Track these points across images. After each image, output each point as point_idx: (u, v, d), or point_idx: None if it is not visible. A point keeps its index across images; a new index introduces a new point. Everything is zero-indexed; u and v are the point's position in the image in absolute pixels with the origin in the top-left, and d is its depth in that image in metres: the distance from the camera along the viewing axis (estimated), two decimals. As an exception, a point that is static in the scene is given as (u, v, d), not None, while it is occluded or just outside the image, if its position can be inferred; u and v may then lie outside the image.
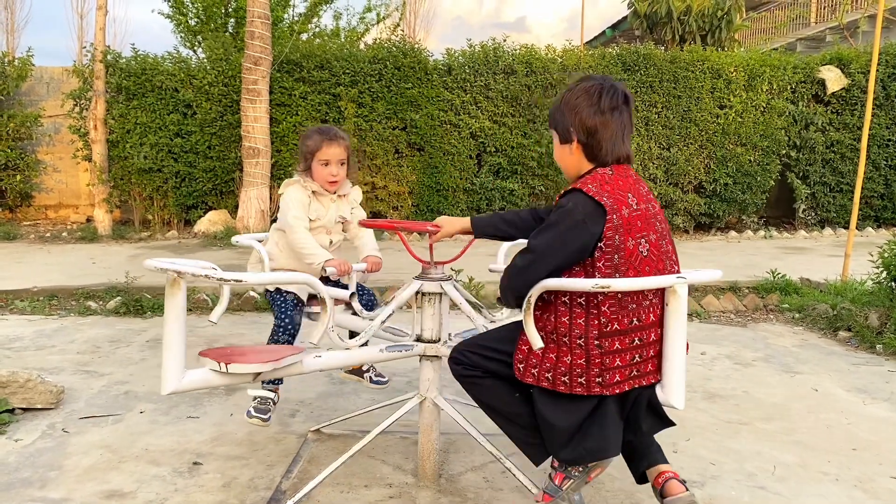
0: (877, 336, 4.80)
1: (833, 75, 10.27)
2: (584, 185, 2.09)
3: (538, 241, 2.09)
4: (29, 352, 4.48)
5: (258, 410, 2.87)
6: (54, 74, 11.22)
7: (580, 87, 2.18)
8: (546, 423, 2.12)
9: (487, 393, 2.26)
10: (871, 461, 2.92)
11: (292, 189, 3.04)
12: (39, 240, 9.48)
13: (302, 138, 3.11)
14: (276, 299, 2.96)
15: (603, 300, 2.03)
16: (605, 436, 2.10)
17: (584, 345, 2.04)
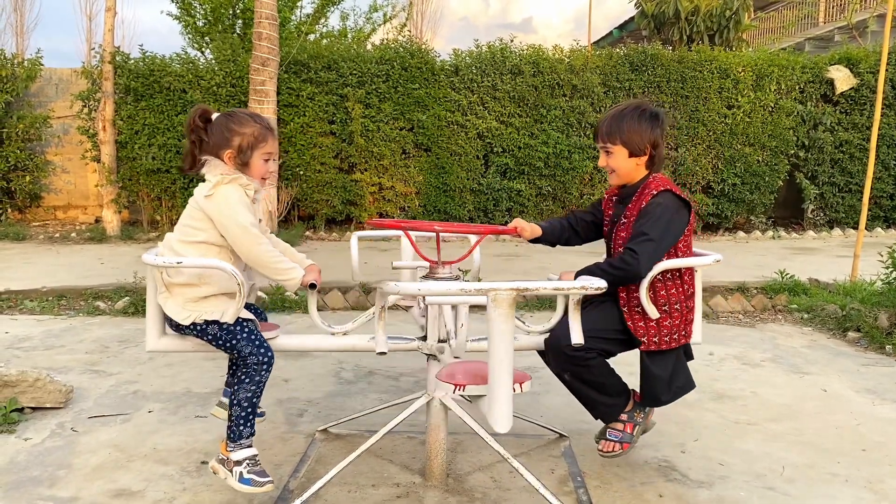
0: (886, 337, 4.78)
1: (842, 75, 10.22)
2: (668, 186, 2.62)
3: (654, 232, 2.52)
4: (38, 351, 4.50)
5: (255, 473, 2.37)
6: (63, 76, 11.27)
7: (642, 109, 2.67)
8: (653, 378, 2.62)
9: (596, 371, 2.59)
10: (880, 462, 2.91)
11: (233, 189, 2.42)
12: (48, 240, 9.53)
13: (234, 123, 2.47)
14: (239, 331, 2.41)
15: (685, 272, 2.64)
16: (686, 374, 2.70)
17: (679, 308, 2.61)
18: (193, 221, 2.46)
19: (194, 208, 2.47)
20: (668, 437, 3.16)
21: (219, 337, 2.42)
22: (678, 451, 2.99)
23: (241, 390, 2.39)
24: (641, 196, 2.62)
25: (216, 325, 2.41)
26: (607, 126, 2.66)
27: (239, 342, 2.41)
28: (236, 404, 2.39)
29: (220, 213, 2.41)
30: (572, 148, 9.80)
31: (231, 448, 2.40)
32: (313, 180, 9.69)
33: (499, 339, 1.81)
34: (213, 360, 4.28)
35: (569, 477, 2.71)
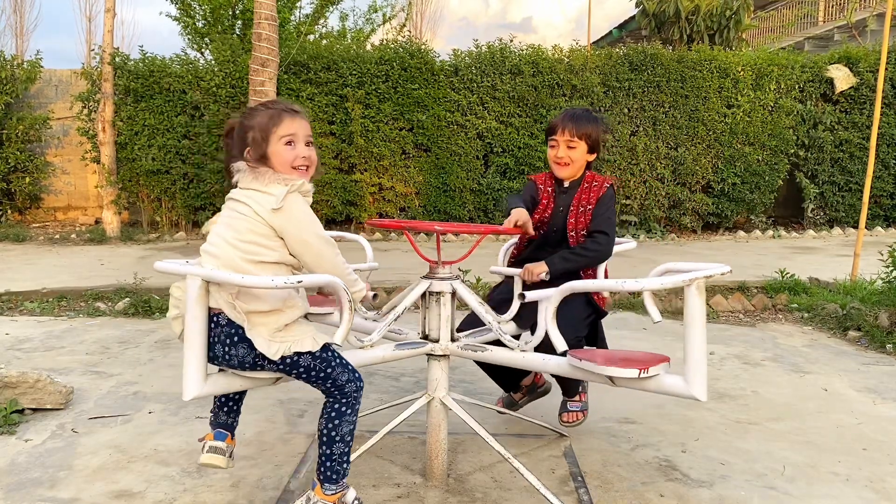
0: (887, 336, 4.78)
1: (841, 74, 10.23)
2: (610, 181, 2.94)
3: (614, 218, 2.90)
4: (38, 353, 4.50)
5: None
6: (63, 77, 11.28)
7: (595, 112, 3.02)
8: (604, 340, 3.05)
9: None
10: (881, 461, 2.91)
11: (297, 197, 2.17)
12: (48, 241, 9.53)
13: (245, 118, 2.28)
14: (332, 357, 2.19)
15: None
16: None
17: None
18: (262, 239, 2.11)
19: (258, 223, 2.11)
20: (668, 436, 3.16)
21: (311, 368, 2.13)
22: (679, 451, 2.99)
23: (342, 424, 2.16)
24: (590, 188, 2.91)
25: (308, 355, 2.12)
26: (576, 123, 2.87)
27: (335, 370, 2.17)
28: (339, 440, 2.16)
29: (298, 227, 2.13)
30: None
31: (333, 490, 2.17)
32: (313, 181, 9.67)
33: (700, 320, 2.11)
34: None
35: (569, 477, 2.71)
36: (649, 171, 10.04)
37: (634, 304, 5.87)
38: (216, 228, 2.21)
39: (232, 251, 2.11)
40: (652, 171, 10.05)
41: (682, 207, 10.19)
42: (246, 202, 2.14)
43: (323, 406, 2.23)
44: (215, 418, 2.43)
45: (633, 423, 3.33)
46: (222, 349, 2.11)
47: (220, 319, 2.10)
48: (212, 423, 2.44)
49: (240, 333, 2.08)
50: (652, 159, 10.02)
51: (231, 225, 2.15)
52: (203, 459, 2.35)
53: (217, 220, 2.26)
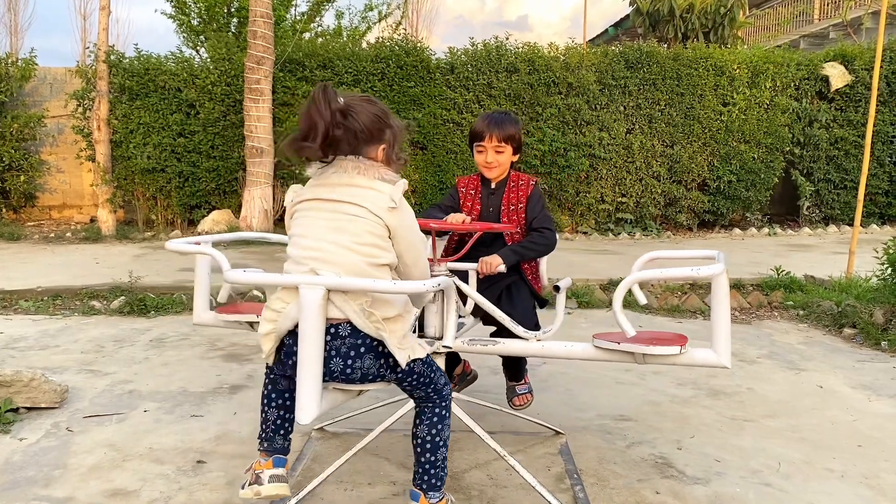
0: (882, 333, 4.79)
1: (837, 72, 10.25)
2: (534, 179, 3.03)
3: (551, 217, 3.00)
4: (33, 351, 4.48)
5: None
6: (58, 75, 11.24)
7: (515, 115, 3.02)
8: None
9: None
10: (876, 458, 2.91)
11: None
12: (43, 240, 9.50)
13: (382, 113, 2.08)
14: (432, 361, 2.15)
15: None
16: None
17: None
18: (379, 240, 1.99)
19: (376, 223, 1.98)
20: (664, 433, 3.16)
21: (422, 374, 2.07)
22: (674, 448, 2.99)
23: (444, 428, 2.12)
24: (517, 187, 3.00)
25: (420, 361, 2.06)
26: (501, 128, 2.92)
27: (435, 374, 2.11)
28: (442, 445, 2.12)
29: (409, 228, 2.04)
30: (568, 146, 9.79)
31: (438, 498, 2.12)
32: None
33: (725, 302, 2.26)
34: (208, 360, 4.27)
35: (565, 474, 2.71)
36: (645, 169, 10.05)
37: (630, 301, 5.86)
38: (316, 232, 1.99)
39: (353, 256, 1.96)
40: (648, 169, 10.05)
41: (678, 205, 10.21)
42: (356, 202, 1.98)
43: (419, 414, 2.15)
44: (270, 444, 2.16)
45: (629, 420, 3.33)
46: (342, 363, 1.95)
47: (339, 331, 1.94)
48: (266, 448, 2.16)
49: (367, 343, 1.95)
50: (648, 157, 10.03)
51: (342, 228, 1.97)
52: (266, 491, 2.06)
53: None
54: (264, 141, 9.20)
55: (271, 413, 2.15)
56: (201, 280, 2.70)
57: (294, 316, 1.90)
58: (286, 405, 2.14)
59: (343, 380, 1.99)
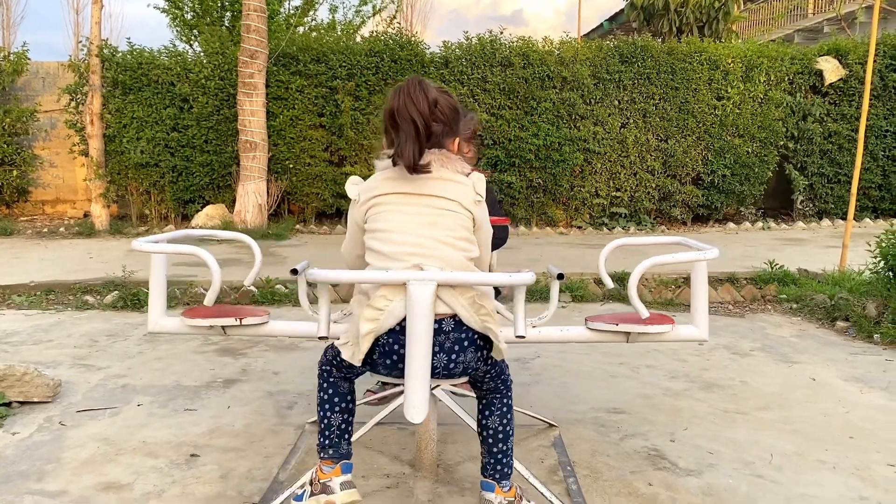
0: (874, 326, 4.80)
1: (830, 66, 10.26)
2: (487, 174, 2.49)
3: (503, 211, 2.95)
4: (26, 346, 4.47)
5: None
6: (50, 69, 11.18)
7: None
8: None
9: None
10: (868, 449, 2.93)
11: None
12: (36, 235, 9.47)
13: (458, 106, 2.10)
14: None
15: None
16: None
17: None
18: (469, 234, 2.00)
19: (466, 217, 1.98)
20: (657, 426, 3.17)
21: (500, 366, 2.09)
22: (667, 440, 3.00)
23: (512, 417, 2.14)
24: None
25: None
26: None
27: (506, 365, 2.13)
28: (511, 434, 2.13)
29: (487, 222, 2.05)
30: (563, 140, 9.79)
31: (510, 486, 2.10)
32: (303, 173, 9.67)
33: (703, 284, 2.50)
34: (202, 354, 4.27)
35: (559, 466, 2.72)
36: (639, 163, 10.06)
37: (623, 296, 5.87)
38: (408, 227, 1.94)
39: (452, 250, 1.94)
40: (642, 164, 10.06)
41: (672, 199, 10.22)
42: (447, 196, 1.96)
43: (488, 405, 2.12)
44: (336, 450, 2.08)
45: (622, 413, 3.34)
46: (446, 358, 1.90)
47: (443, 326, 1.89)
48: (332, 455, 2.07)
49: (470, 338, 1.92)
50: (642, 151, 10.04)
51: (435, 223, 1.94)
52: (341, 500, 1.99)
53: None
54: (258, 135, 9.18)
55: (335, 418, 2.06)
56: (158, 282, 2.45)
57: (399, 314, 1.84)
58: (349, 408, 2.09)
59: (445, 375, 1.96)
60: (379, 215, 1.97)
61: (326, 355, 2.07)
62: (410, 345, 1.80)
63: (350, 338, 1.95)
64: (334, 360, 2.04)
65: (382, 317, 1.85)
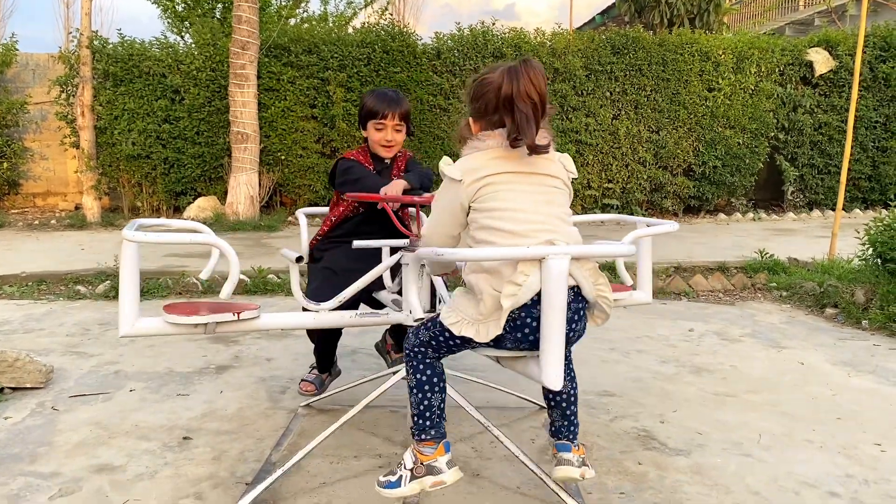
0: (862, 312, 4.85)
1: (821, 57, 10.30)
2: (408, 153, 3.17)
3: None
4: (18, 335, 4.47)
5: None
6: (40, 61, 11.12)
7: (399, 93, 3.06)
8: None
9: None
10: (854, 429, 2.96)
11: None
12: (27, 227, 9.43)
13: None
14: None
15: None
16: None
17: None
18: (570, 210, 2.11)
19: (568, 195, 2.10)
20: (647, 408, 3.20)
21: None
22: (657, 422, 3.03)
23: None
24: (398, 160, 3.10)
25: None
26: (400, 106, 2.98)
27: None
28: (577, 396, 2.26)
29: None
30: (554, 131, 9.77)
31: (579, 445, 2.21)
32: (295, 165, 9.65)
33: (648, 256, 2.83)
34: (195, 342, 4.27)
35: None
36: (631, 155, 10.08)
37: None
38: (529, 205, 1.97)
39: (569, 227, 2.02)
40: (634, 155, 10.09)
41: (664, 191, 10.25)
42: (554, 174, 2.03)
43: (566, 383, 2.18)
44: (437, 430, 2.07)
45: (612, 395, 3.36)
46: (568, 327, 1.95)
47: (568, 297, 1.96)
48: (434, 436, 2.05)
49: (585, 307, 2.01)
50: (634, 143, 10.06)
51: (552, 200, 2.01)
52: (450, 479, 2.01)
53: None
54: (249, 127, 9.16)
55: (435, 398, 2.07)
56: (131, 277, 2.21)
57: (535, 288, 1.87)
58: (444, 387, 2.12)
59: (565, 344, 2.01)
60: (496, 195, 1.97)
61: (420, 337, 2.07)
62: (549, 316, 1.85)
63: (467, 315, 1.96)
64: (433, 341, 2.05)
65: (521, 292, 1.87)
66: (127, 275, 2.21)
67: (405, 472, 2.03)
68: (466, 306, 1.97)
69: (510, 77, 1.95)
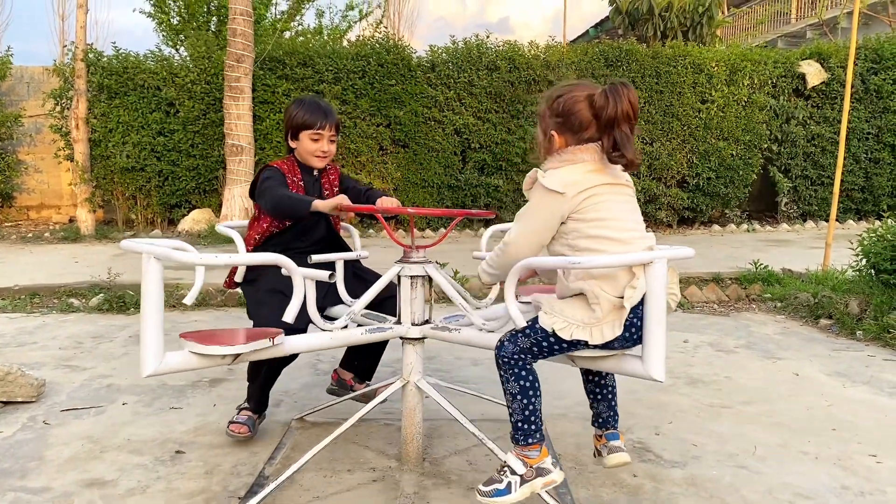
0: (857, 323, 4.85)
1: (813, 69, 10.37)
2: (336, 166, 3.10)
3: None
4: (10, 348, 4.44)
5: None
6: (35, 74, 11.13)
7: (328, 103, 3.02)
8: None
9: None
10: (850, 440, 2.95)
11: None
12: (21, 240, 9.40)
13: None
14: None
15: None
16: None
17: None
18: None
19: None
20: (642, 420, 3.19)
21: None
22: (652, 434, 3.02)
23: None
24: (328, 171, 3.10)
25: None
26: (334, 117, 2.97)
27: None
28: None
29: None
30: (549, 143, 9.82)
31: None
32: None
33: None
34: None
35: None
36: (625, 167, 10.10)
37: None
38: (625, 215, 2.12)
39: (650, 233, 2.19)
40: (628, 167, 10.10)
41: (658, 202, 10.28)
42: (630, 184, 2.21)
43: (608, 377, 2.40)
44: (540, 433, 2.15)
45: (608, 407, 3.35)
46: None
47: None
48: (539, 439, 2.14)
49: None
50: (628, 154, 10.08)
51: (635, 209, 2.19)
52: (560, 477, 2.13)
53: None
54: (244, 139, 9.16)
55: (537, 402, 2.14)
56: (156, 304, 2.01)
57: (643, 289, 2.01)
58: (541, 390, 2.18)
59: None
60: (598, 206, 2.08)
61: (519, 344, 2.11)
62: (654, 315, 2.01)
63: (576, 320, 2.05)
64: (535, 347, 2.10)
65: (636, 294, 2.01)
66: (152, 302, 2.00)
67: (513, 478, 2.08)
68: (575, 311, 2.06)
69: (613, 97, 2.07)
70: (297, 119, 2.94)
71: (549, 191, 2.07)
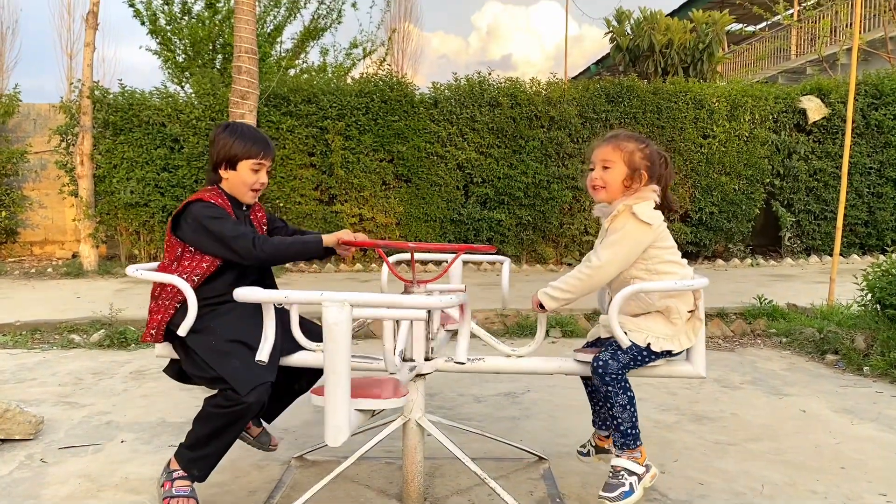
0: (863, 358, 4.80)
1: (814, 105, 10.43)
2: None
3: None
4: (9, 385, 4.41)
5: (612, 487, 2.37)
6: (41, 111, 11.25)
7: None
8: None
9: None
10: (859, 479, 2.90)
11: None
12: (24, 276, 9.41)
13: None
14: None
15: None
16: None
17: None
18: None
19: None
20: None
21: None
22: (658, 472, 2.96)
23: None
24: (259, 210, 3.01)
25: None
26: (273, 151, 2.88)
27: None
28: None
29: None
30: (551, 178, 9.87)
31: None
32: (293, 212, 9.68)
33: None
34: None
35: (548, 498, 2.68)
36: (628, 201, 10.11)
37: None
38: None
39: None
40: (630, 201, 10.12)
41: (661, 237, 10.26)
42: None
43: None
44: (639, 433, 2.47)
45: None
46: None
47: None
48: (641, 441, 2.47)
49: None
50: (630, 189, 10.10)
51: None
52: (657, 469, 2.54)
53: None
54: (248, 175, 9.19)
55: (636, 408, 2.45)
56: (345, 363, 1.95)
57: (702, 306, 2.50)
58: None
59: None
60: (668, 236, 2.53)
61: (620, 360, 2.39)
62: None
63: (660, 333, 2.43)
64: (632, 361, 2.42)
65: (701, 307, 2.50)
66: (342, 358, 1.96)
67: (632, 478, 2.36)
68: (658, 326, 2.44)
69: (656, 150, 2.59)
70: (235, 148, 2.71)
71: (641, 222, 2.41)
